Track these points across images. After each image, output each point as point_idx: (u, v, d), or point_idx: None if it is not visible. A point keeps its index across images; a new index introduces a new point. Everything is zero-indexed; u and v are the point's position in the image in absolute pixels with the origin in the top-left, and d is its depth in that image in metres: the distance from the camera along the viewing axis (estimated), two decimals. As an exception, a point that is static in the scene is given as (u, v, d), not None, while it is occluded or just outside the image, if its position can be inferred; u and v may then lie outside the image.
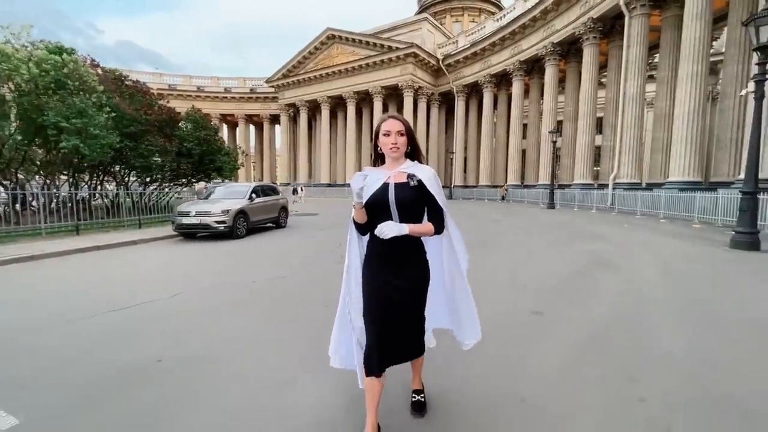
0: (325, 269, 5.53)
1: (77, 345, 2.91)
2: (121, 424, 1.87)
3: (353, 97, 39.49)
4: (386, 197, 1.64)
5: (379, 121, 1.75)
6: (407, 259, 1.70)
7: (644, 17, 18.84)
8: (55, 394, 2.17)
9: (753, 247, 6.84)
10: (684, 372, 2.46)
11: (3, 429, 1.84)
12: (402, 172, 1.69)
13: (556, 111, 26.62)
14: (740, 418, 1.93)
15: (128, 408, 2.01)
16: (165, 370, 2.46)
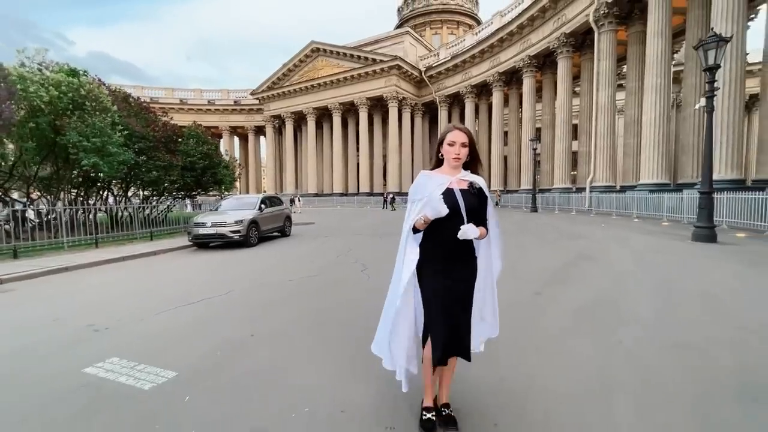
0: (348, 269, 6.24)
1: (183, 326, 3.62)
2: (250, 376, 2.53)
3: (339, 108, 40.34)
4: (456, 202, 1.74)
5: (445, 129, 1.86)
6: (467, 259, 1.84)
7: (612, 33, 20.41)
8: (195, 355, 2.86)
9: (711, 239, 7.92)
10: (650, 326, 3.31)
11: (168, 377, 2.50)
12: (463, 180, 1.82)
13: (534, 119, 28.07)
14: (691, 353, 2.76)
15: (252, 365, 2.69)
16: (260, 342, 3.14)
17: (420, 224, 1.74)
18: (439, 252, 1.79)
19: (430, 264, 1.80)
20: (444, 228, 1.73)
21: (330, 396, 2.23)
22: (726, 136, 12.76)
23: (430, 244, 1.80)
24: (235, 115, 51.23)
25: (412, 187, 1.82)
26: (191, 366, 2.68)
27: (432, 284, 1.79)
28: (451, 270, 1.79)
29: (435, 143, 1.97)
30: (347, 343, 3.04)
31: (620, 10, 19.90)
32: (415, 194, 1.80)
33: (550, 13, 24.56)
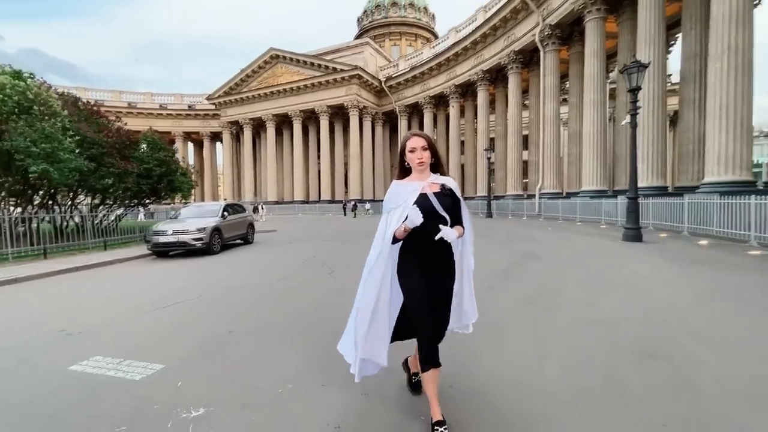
0: (315, 272, 6.50)
1: (160, 327, 3.76)
2: (236, 363, 2.76)
3: (299, 116, 40.20)
4: (432, 205, 1.78)
5: (403, 139, 1.92)
6: (446, 260, 1.90)
7: (555, 52, 22.22)
8: (179, 350, 3.03)
9: (637, 239, 9.02)
10: (580, 309, 3.92)
11: (157, 369, 2.67)
12: (435, 183, 1.87)
13: (488, 130, 29.69)
14: (608, 327, 3.35)
15: (236, 355, 2.93)
16: (240, 337, 3.36)
17: (400, 233, 1.77)
18: (420, 256, 1.83)
19: (412, 269, 1.84)
20: (424, 232, 1.75)
21: (310, 375, 2.54)
22: (650, 149, 14.40)
23: (411, 249, 1.84)
24: (190, 120, 49.40)
25: (386, 197, 1.90)
26: (177, 359, 2.87)
27: (415, 290, 1.82)
28: (432, 273, 1.84)
29: (396, 152, 2.30)
30: (322, 335, 3.35)
31: (562, 33, 21.74)
32: (390, 203, 1.86)
33: (500, 32, 26.25)
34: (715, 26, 11.18)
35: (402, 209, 1.79)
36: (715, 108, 11.23)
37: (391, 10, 55.14)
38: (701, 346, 2.82)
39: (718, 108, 11.14)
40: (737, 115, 10.87)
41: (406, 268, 1.86)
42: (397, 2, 55.26)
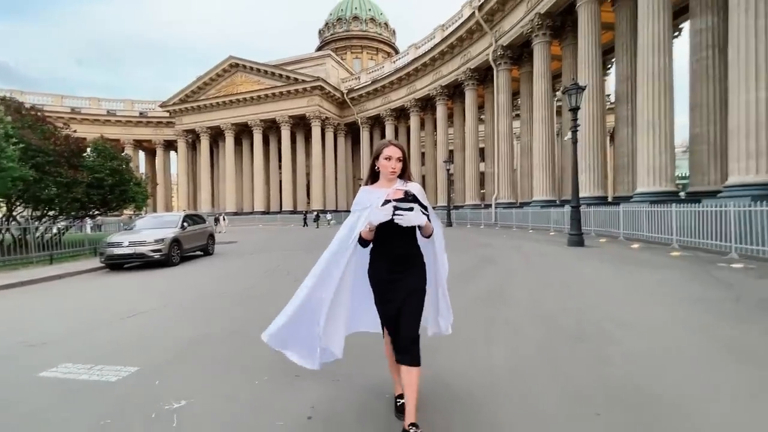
0: (281, 281, 6.61)
1: (128, 334, 3.81)
2: (213, 361, 2.89)
3: (260, 125, 39.63)
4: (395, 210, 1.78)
5: (379, 145, 1.98)
6: (414, 260, 1.96)
7: (507, 71, 23.75)
8: (152, 354, 3.09)
9: (580, 244, 9.91)
10: (523, 304, 4.40)
11: (131, 372, 2.75)
12: (399, 189, 1.93)
13: (447, 142, 30.90)
14: (546, 318, 3.82)
15: (212, 354, 3.06)
16: (213, 341, 3.48)
17: (366, 233, 1.83)
18: (389, 255, 1.90)
19: (381, 268, 1.92)
20: (391, 235, 1.84)
21: (283, 370, 2.75)
22: (591, 162, 15.77)
23: (380, 250, 1.91)
24: (141, 128, 47.09)
25: (355, 200, 2.01)
26: (151, 362, 2.96)
27: (386, 288, 1.90)
28: (403, 272, 1.90)
29: (359, 162, 2.54)
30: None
31: (513, 53, 23.31)
32: (360, 204, 1.97)
33: (457, 50, 27.65)
34: (642, 53, 12.63)
35: (368, 212, 1.88)
36: (643, 125, 12.61)
37: (353, 24, 56.12)
38: (620, 330, 3.34)
39: (645, 125, 12.52)
40: (662, 131, 12.27)
41: (374, 270, 1.95)
42: (358, 16, 56.37)
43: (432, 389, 2.35)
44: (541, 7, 19.13)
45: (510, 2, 21.80)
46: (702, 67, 12.82)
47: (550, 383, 2.39)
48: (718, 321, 3.46)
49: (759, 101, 8.71)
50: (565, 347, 3.00)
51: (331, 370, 2.67)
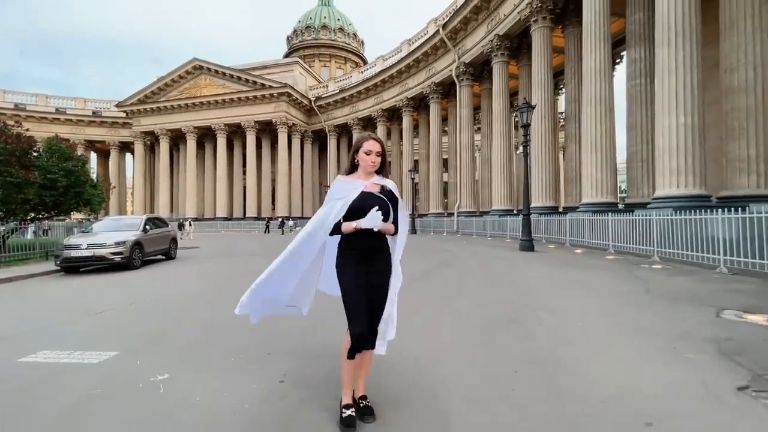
0: (248, 282, 6.79)
1: (99, 327, 3.94)
2: (189, 345, 3.13)
3: (224, 130, 38.88)
4: (371, 203, 1.88)
5: (360, 138, 2.01)
6: (381, 254, 2.02)
7: (469, 87, 25.04)
8: (128, 341, 3.25)
9: (530, 249, 10.78)
10: (472, 296, 4.94)
11: (111, 355, 2.96)
12: (376, 183, 1.99)
13: (413, 152, 31.84)
14: (482, 307, 4.37)
15: (186, 339, 3.29)
16: (185, 330, 3.71)
17: (349, 229, 1.90)
18: (358, 248, 1.95)
19: (350, 262, 1.96)
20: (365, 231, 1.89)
21: (257, 348, 3.08)
22: (543, 175, 17.01)
23: (351, 243, 1.96)
24: (94, 128, 44.71)
25: (331, 189, 2.02)
26: (129, 347, 3.18)
27: (351, 284, 1.94)
28: (371, 265, 1.96)
29: (326, 169, 2.89)
30: (263, 327, 3.84)
31: (474, 70, 24.64)
32: (337, 194, 1.98)
33: (423, 64, 28.79)
34: (586, 80, 13.96)
35: (343, 202, 1.93)
36: (587, 144, 13.89)
37: (321, 33, 56.55)
38: (548, 315, 3.95)
39: (589, 144, 13.79)
40: (603, 149, 13.57)
41: (344, 261, 1.99)
42: (327, 25, 56.92)
43: (388, 359, 2.77)
44: (500, 29, 20.51)
45: (472, 23, 23.13)
46: (636, 92, 14.35)
47: (482, 351, 2.90)
48: (624, 308, 4.15)
49: (679, 126, 10.01)
50: (500, 327, 3.54)
51: (301, 348, 3.05)
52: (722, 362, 2.53)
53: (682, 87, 9.98)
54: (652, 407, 1.97)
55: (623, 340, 3.10)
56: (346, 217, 1.94)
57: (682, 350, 2.77)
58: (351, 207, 1.93)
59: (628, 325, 3.49)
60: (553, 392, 2.19)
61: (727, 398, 2.05)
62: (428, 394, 2.25)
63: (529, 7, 17.75)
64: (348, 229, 1.91)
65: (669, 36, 10.15)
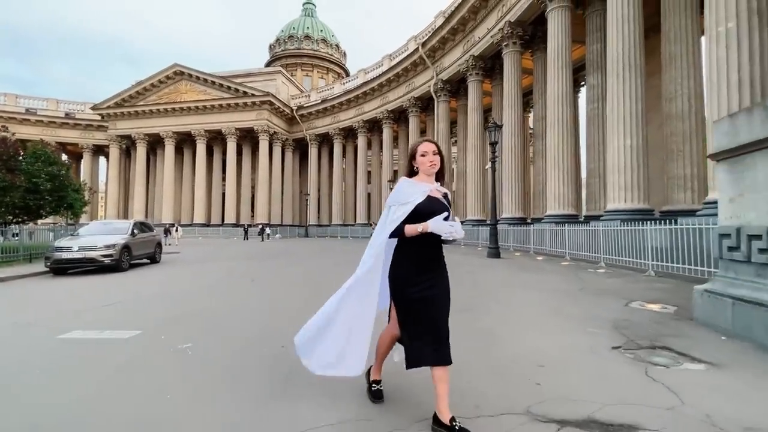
0: (239, 281, 7.41)
1: (115, 314, 4.42)
2: (207, 323, 3.75)
3: (204, 136, 38.85)
4: (437, 208, 1.87)
5: (415, 143, 2.02)
6: (443, 262, 2.02)
7: (446, 103, 26.32)
8: (148, 323, 3.85)
9: (496, 256, 11.79)
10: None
11: (136, 334, 3.57)
12: (439, 189, 1.97)
13: (392, 163, 32.85)
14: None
15: (203, 321, 3.92)
16: (196, 315, 4.34)
17: (414, 232, 1.82)
18: (425, 254, 1.92)
19: (417, 268, 1.90)
20: (426, 237, 1.84)
21: (262, 330, 3.76)
22: (512, 188, 18.26)
23: (414, 248, 1.90)
24: (66, 130, 43.60)
25: (394, 192, 1.95)
26: (150, 327, 3.81)
27: (421, 289, 1.88)
28: (438, 275, 1.97)
29: (306, 177, 3.46)
30: (261, 317, 4.53)
31: (451, 87, 25.96)
32: (399, 198, 1.90)
33: (403, 79, 30.01)
34: (550, 102, 15.30)
35: (410, 205, 1.86)
36: (551, 160, 15.16)
37: (304, 43, 57.36)
38: (496, 305, 4.81)
39: (553, 161, 15.07)
40: (565, 166, 14.85)
41: (406, 267, 1.92)
42: (310, 36, 57.82)
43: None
44: (475, 50, 21.89)
45: (449, 43, 24.50)
46: (594, 114, 15.79)
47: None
48: (559, 301, 5.06)
49: (626, 147, 11.30)
50: (455, 314, 4.34)
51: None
52: (611, 333, 3.43)
53: (629, 113, 11.30)
54: (548, 358, 2.82)
55: (548, 321, 3.97)
56: (413, 219, 1.85)
57: (587, 327, 3.66)
58: (417, 209, 1.86)
59: (556, 312, 4.39)
60: (483, 352, 3.01)
61: (602, 353, 2.93)
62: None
63: (500, 32, 19.15)
64: (412, 231, 1.83)
65: (617, 68, 11.50)
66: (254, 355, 3.00)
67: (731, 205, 3.45)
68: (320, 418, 1.95)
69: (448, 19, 23.42)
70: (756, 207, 3.16)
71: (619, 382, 2.38)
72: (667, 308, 4.38)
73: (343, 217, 37.61)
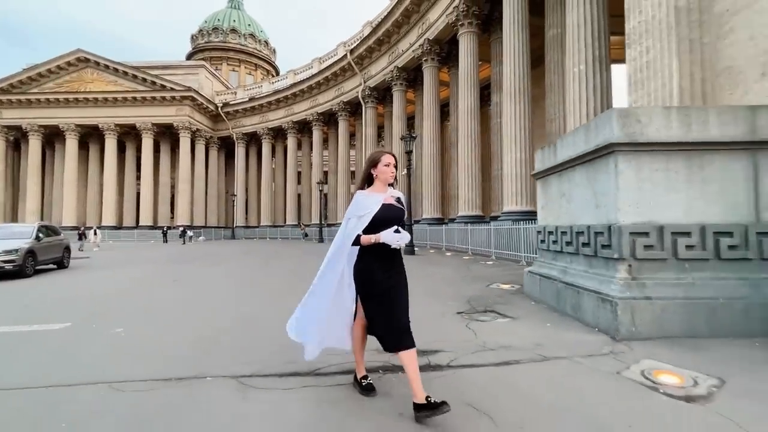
0: (162, 281, 7.67)
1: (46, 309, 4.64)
2: (128, 317, 4.28)
3: (114, 130, 35.71)
4: (391, 215, 2.15)
5: (377, 153, 2.26)
6: (400, 259, 2.28)
7: (373, 108, 27.66)
8: (75, 316, 4.21)
9: (411, 252, 13.22)
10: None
11: (67, 325, 3.97)
12: (392, 196, 2.22)
13: (322, 164, 33.38)
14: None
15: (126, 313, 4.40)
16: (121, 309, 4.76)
17: (369, 242, 2.09)
18: (384, 255, 2.15)
19: (373, 266, 2.15)
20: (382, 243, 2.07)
21: (183, 315, 4.39)
22: (430, 191, 20.09)
23: (377, 251, 2.13)
24: (-66, 116, 36.95)
25: (352, 205, 2.21)
26: (78, 320, 4.23)
27: (382, 284, 2.14)
28: (395, 270, 2.22)
29: (233, 176, 4.28)
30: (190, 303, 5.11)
31: (378, 94, 27.36)
32: (357, 211, 2.17)
33: (332, 83, 30.74)
34: (461, 116, 17.27)
35: (366, 217, 2.12)
36: (462, 167, 17.13)
37: (230, 36, 55.11)
38: (392, 291, 5.93)
39: (463, 168, 17.04)
40: (473, 173, 16.90)
41: (368, 267, 2.17)
42: (236, 30, 55.66)
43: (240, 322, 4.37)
44: (399, 62, 23.48)
45: (376, 52, 25.85)
46: (497, 128, 18.12)
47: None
48: (441, 285, 6.36)
49: (517, 159, 13.42)
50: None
51: (217, 317, 4.47)
52: (462, 304, 4.71)
53: (519, 130, 13.45)
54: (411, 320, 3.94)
55: (425, 299, 5.16)
56: (371, 228, 2.12)
57: (448, 301, 4.91)
58: (375, 218, 2.12)
59: (434, 293, 5.63)
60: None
61: (448, 316, 4.15)
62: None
63: (421, 48, 20.91)
64: (367, 242, 2.10)
65: (511, 91, 13.60)
66: (182, 335, 3.69)
67: (542, 211, 4.95)
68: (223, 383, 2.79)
69: (375, 30, 24.73)
70: (551, 212, 4.65)
71: (447, 330, 3.56)
72: (514, 287, 5.87)
73: (272, 219, 37.14)
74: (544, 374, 2.56)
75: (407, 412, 2.03)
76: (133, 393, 2.35)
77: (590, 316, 3.57)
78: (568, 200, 4.27)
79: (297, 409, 2.14)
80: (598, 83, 9.85)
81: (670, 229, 3.29)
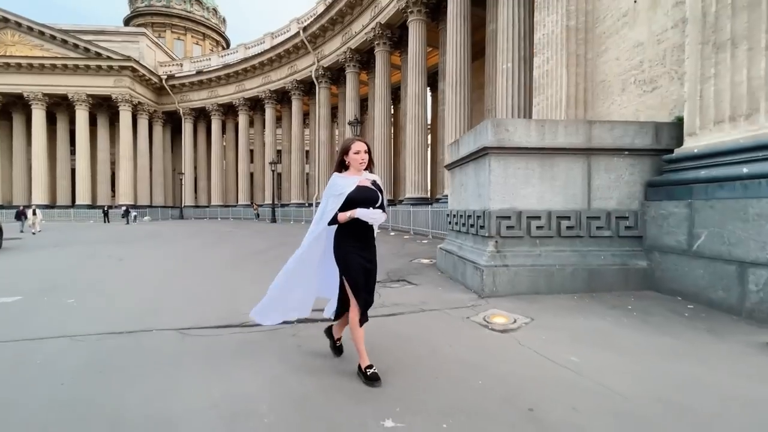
0: (105, 262, 7.89)
1: None
2: (78, 291, 4.74)
3: (42, 101, 32.80)
4: (366, 196, 2.28)
5: (348, 141, 2.39)
6: (373, 240, 2.42)
7: (327, 89, 27.64)
8: (25, 290, 4.61)
9: (358, 232, 14.03)
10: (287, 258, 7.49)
11: (20, 298, 4.36)
12: (367, 179, 2.35)
13: (275, 143, 32.96)
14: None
15: (77, 287, 4.83)
16: (73, 283, 5.16)
17: (345, 218, 2.23)
18: (359, 235, 2.32)
19: (350, 247, 2.31)
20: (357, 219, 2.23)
21: (134, 289, 4.90)
22: (381, 173, 20.85)
23: (349, 230, 2.30)
24: None
25: (329, 185, 2.34)
26: (28, 293, 4.61)
27: (357, 261, 2.29)
28: (368, 250, 2.36)
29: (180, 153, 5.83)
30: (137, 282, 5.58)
31: (332, 75, 27.33)
32: (334, 191, 2.30)
33: (285, 60, 30.14)
34: (409, 101, 18.04)
35: (342, 196, 2.26)
36: (409, 151, 18.03)
37: (174, 1, 51.30)
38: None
39: (411, 151, 17.95)
40: (419, 157, 17.87)
41: (345, 246, 2.33)
42: (181, -5, 51.86)
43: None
44: (352, 43, 23.61)
45: (329, 32, 25.71)
46: (442, 115, 19.14)
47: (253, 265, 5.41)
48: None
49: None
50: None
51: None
52: (381, 276, 5.59)
53: (459, 118, 14.50)
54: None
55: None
56: (345, 207, 2.27)
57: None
58: (349, 198, 2.26)
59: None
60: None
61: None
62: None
63: (373, 31, 21.22)
64: (343, 218, 2.25)
65: (452, 81, 14.55)
66: (127, 304, 4.26)
67: (450, 197, 5.93)
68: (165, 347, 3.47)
69: (328, 8, 24.52)
70: (455, 199, 5.62)
71: (358, 295, 4.42)
72: (432, 261, 6.88)
73: (223, 198, 36.35)
74: (415, 320, 3.49)
75: (305, 345, 2.84)
76: (91, 342, 2.97)
77: (470, 281, 4.59)
78: (465, 189, 5.23)
79: (227, 343, 2.89)
80: (522, 81, 11.00)
81: (526, 213, 4.32)
